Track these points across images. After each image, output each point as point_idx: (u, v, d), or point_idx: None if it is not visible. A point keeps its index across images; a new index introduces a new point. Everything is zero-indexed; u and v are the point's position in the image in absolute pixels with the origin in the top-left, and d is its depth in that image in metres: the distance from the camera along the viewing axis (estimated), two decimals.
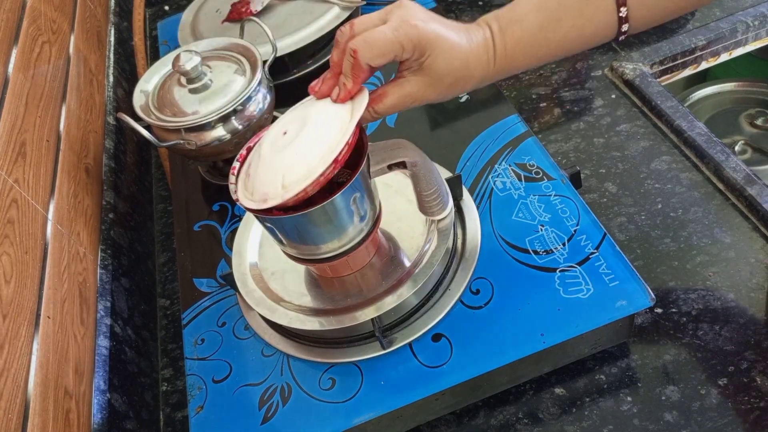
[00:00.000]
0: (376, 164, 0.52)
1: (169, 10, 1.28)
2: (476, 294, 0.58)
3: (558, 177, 0.65)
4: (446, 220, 0.59)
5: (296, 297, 0.60)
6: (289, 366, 0.59)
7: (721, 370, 0.56)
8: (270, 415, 0.56)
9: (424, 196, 0.57)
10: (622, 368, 0.58)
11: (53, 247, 0.64)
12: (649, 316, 0.61)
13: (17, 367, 0.52)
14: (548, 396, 0.58)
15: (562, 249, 0.59)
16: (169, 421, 0.68)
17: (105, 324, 0.68)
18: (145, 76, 0.78)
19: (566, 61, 0.90)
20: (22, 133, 0.67)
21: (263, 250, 0.65)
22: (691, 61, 0.89)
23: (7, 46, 0.72)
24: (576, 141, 0.79)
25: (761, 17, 0.87)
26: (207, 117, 0.71)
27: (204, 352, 0.62)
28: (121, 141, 0.93)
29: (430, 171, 0.55)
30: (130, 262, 0.79)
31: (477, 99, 0.78)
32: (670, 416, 0.55)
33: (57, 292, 0.62)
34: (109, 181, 0.83)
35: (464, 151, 0.71)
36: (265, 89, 0.76)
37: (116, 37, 1.10)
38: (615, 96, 0.83)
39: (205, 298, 0.67)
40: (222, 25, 0.95)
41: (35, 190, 0.65)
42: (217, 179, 0.81)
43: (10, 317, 0.54)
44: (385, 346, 0.56)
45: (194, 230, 0.75)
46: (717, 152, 0.71)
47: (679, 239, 0.66)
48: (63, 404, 0.56)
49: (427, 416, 0.59)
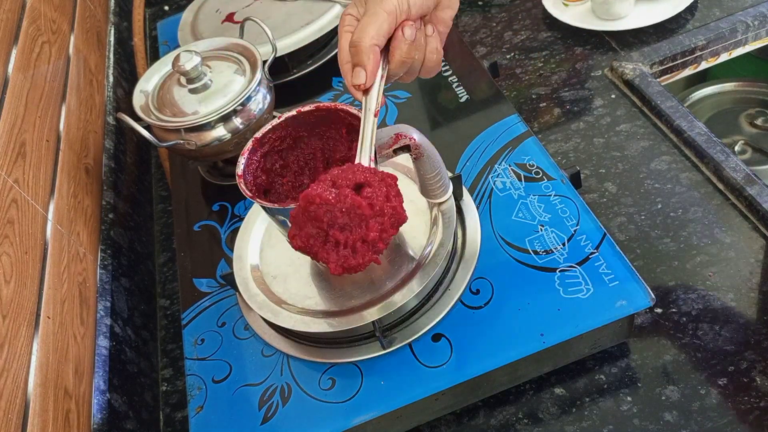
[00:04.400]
0: (381, 149, 0.52)
1: (169, 10, 1.28)
2: (476, 294, 0.58)
3: (558, 177, 0.65)
4: (448, 203, 0.60)
5: (299, 300, 0.60)
6: (289, 366, 0.59)
7: (721, 370, 0.56)
8: (270, 415, 0.56)
9: (427, 179, 0.57)
10: (622, 368, 0.58)
11: (53, 247, 0.64)
12: (649, 316, 0.61)
13: (17, 367, 0.52)
14: (548, 396, 0.58)
15: (562, 249, 0.59)
16: (169, 421, 0.68)
17: (105, 324, 0.68)
18: (145, 76, 0.78)
19: (566, 61, 0.90)
20: (21, 133, 0.67)
21: (264, 254, 0.65)
22: (691, 61, 0.89)
23: (7, 46, 0.72)
24: (576, 141, 0.79)
25: (761, 17, 0.87)
26: (207, 117, 0.71)
27: (204, 352, 0.62)
28: (120, 141, 0.93)
29: (433, 154, 0.55)
30: (130, 262, 0.79)
31: (477, 99, 0.78)
32: (670, 416, 0.55)
33: (57, 292, 0.62)
34: (109, 181, 0.83)
35: (464, 151, 0.71)
36: (265, 89, 0.76)
37: (116, 37, 1.10)
38: (615, 96, 0.83)
39: (205, 298, 0.67)
40: (222, 25, 0.95)
41: (35, 190, 0.65)
42: (217, 179, 0.81)
43: (10, 317, 0.54)
44: (385, 346, 0.56)
45: (194, 230, 0.75)
46: (717, 152, 0.71)
47: (679, 239, 0.66)
48: (63, 404, 0.56)
49: (427, 416, 0.59)
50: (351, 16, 0.50)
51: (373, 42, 0.47)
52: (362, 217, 0.45)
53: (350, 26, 0.50)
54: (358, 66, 0.48)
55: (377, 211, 0.45)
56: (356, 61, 0.48)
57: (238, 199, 0.76)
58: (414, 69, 0.51)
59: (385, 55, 0.49)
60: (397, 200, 0.47)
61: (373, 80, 0.48)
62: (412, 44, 0.49)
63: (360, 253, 0.46)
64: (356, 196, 0.45)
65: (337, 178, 0.46)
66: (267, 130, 0.57)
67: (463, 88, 0.80)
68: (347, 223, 0.45)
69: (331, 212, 0.45)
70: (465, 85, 0.80)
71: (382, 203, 0.45)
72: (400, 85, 0.83)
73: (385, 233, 0.46)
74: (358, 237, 0.45)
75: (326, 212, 0.45)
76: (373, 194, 0.45)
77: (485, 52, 0.97)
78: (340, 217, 0.45)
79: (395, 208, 0.46)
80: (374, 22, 0.47)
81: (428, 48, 0.51)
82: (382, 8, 0.47)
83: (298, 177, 0.60)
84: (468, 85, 0.80)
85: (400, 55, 0.49)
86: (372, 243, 0.46)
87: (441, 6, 0.51)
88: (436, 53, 0.51)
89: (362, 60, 0.47)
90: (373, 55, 0.47)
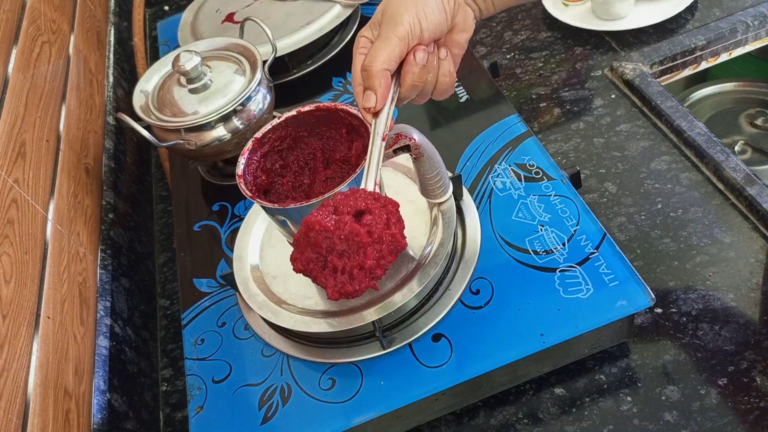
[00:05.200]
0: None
1: (169, 10, 1.28)
2: (476, 294, 0.58)
3: (558, 177, 0.65)
4: (448, 203, 0.60)
5: (299, 300, 0.60)
6: (289, 366, 0.59)
7: (721, 370, 0.56)
8: (270, 415, 0.56)
9: (427, 179, 0.57)
10: (622, 368, 0.58)
11: (53, 247, 0.64)
12: (648, 316, 0.61)
13: (17, 367, 0.52)
14: (548, 396, 0.58)
15: (562, 249, 0.59)
16: (168, 421, 0.68)
17: (105, 324, 0.68)
18: (145, 76, 0.78)
19: (566, 61, 0.90)
20: (21, 133, 0.67)
21: (264, 254, 0.65)
22: (691, 61, 0.89)
23: (7, 46, 0.72)
24: (576, 141, 0.79)
25: (761, 17, 0.87)
26: (207, 117, 0.71)
27: (204, 352, 0.62)
28: (120, 141, 0.93)
29: (433, 154, 0.55)
30: (130, 262, 0.79)
31: (477, 99, 0.78)
32: (670, 416, 0.55)
33: (57, 292, 0.62)
34: (109, 181, 0.83)
35: (464, 151, 0.71)
36: (265, 89, 0.76)
37: (116, 37, 1.10)
38: (615, 96, 0.83)
39: (205, 298, 0.67)
40: (222, 25, 0.95)
41: (35, 190, 0.65)
42: (217, 179, 0.81)
43: (10, 317, 0.54)
44: (385, 346, 0.56)
45: (194, 230, 0.75)
46: (717, 152, 0.71)
47: (679, 239, 0.66)
48: (63, 404, 0.56)
49: (427, 416, 0.59)
50: (365, 38, 0.51)
51: (384, 66, 0.47)
52: (360, 244, 0.46)
53: (364, 48, 0.50)
54: (368, 89, 0.48)
55: (375, 238, 0.46)
56: (367, 85, 0.48)
57: (238, 199, 0.76)
58: (426, 91, 0.52)
59: (397, 78, 0.50)
60: (397, 227, 0.47)
61: (383, 104, 0.48)
62: (423, 68, 0.49)
63: (357, 280, 0.46)
64: (355, 223, 0.45)
65: (339, 204, 0.46)
66: (267, 130, 0.58)
67: (463, 88, 0.80)
68: (345, 249, 0.46)
69: (330, 239, 0.46)
70: (465, 85, 0.80)
71: (381, 231, 0.46)
72: None
73: (383, 260, 0.47)
74: (355, 264, 0.46)
75: (325, 238, 0.46)
76: (373, 222, 0.46)
77: (485, 52, 0.97)
78: (339, 244, 0.46)
79: (394, 236, 0.47)
80: (386, 48, 0.47)
81: (441, 71, 0.51)
82: (395, 33, 0.47)
83: (298, 177, 0.60)
84: (468, 85, 0.80)
85: (412, 79, 0.49)
86: (369, 270, 0.46)
87: (456, 30, 0.51)
88: (449, 76, 0.52)
89: (373, 84, 0.48)
90: (383, 79, 0.48)
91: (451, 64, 0.52)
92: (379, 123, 0.49)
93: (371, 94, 0.48)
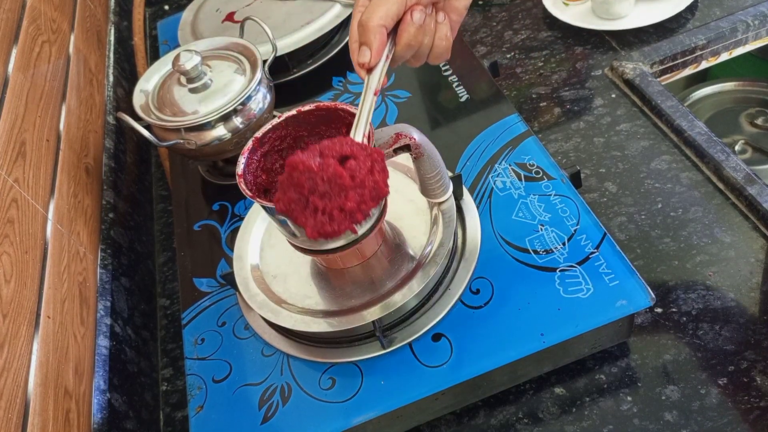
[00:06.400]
0: (381, 149, 0.52)
1: (169, 10, 1.28)
2: (476, 294, 0.58)
3: (558, 176, 0.65)
4: (448, 202, 0.60)
5: (300, 299, 0.60)
6: (289, 366, 0.59)
7: (721, 370, 0.56)
8: (270, 414, 0.56)
9: (427, 179, 0.57)
10: (622, 368, 0.58)
11: (53, 247, 0.64)
12: (649, 316, 0.61)
13: (17, 367, 0.52)
14: (548, 396, 0.58)
15: (562, 249, 0.59)
16: (169, 421, 0.68)
17: (105, 324, 0.68)
18: (145, 76, 0.78)
19: (566, 61, 0.90)
20: (22, 133, 0.67)
21: (264, 253, 0.65)
22: (691, 60, 0.89)
23: (7, 45, 0.72)
24: (576, 140, 0.79)
25: (761, 17, 0.87)
26: (207, 116, 0.71)
27: (204, 352, 0.62)
28: (121, 141, 0.93)
29: (433, 153, 0.56)
30: (130, 262, 0.79)
31: (477, 98, 0.78)
32: (670, 416, 0.55)
33: (57, 291, 0.62)
34: (109, 180, 0.83)
35: (464, 151, 0.71)
36: (265, 89, 0.76)
37: (116, 37, 1.10)
38: (615, 95, 0.83)
39: (205, 298, 0.67)
40: (222, 24, 0.95)
41: (35, 189, 0.65)
42: (217, 179, 0.81)
43: (10, 317, 0.54)
44: (386, 346, 0.56)
45: (194, 230, 0.75)
46: (717, 152, 0.71)
47: (679, 239, 0.66)
48: (63, 404, 0.56)
49: (427, 416, 0.59)
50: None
51: (380, 22, 0.48)
52: (342, 186, 0.46)
53: (362, 7, 0.51)
54: (364, 45, 0.49)
55: (358, 182, 0.46)
56: (363, 40, 0.49)
57: (238, 199, 0.76)
58: (422, 54, 0.52)
59: (393, 37, 0.50)
60: (381, 176, 0.47)
61: (378, 60, 0.49)
62: (420, 28, 0.49)
63: (337, 221, 0.47)
64: (339, 166, 0.46)
65: (324, 148, 0.47)
66: (267, 130, 0.57)
67: (463, 87, 0.80)
68: (327, 191, 0.46)
69: (312, 179, 0.46)
70: (465, 84, 0.80)
71: (364, 176, 0.46)
72: (401, 84, 0.83)
73: (365, 205, 0.47)
74: (336, 205, 0.46)
75: (308, 179, 0.46)
76: (357, 167, 0.46)
77: (485, 52, 0.97)
78: (321, 185, 0.46)
79: (377, 182, 0.47)
80: (384, 4, 0.48)
81: (437, 34, 0.51)
82: None
83: None
84: (468, 85, 0.80)
85: (407, 38, 0.49)
86: (350, 212, 0.47)
87: None
88: (445, 40, 0.52)
89: (368, 39, 0.48)
90: (379, 35, 0.48)
91: (448, 29, 0.52)
92: (372, 78, 0.49)
93: (366, 49, 0.48)
